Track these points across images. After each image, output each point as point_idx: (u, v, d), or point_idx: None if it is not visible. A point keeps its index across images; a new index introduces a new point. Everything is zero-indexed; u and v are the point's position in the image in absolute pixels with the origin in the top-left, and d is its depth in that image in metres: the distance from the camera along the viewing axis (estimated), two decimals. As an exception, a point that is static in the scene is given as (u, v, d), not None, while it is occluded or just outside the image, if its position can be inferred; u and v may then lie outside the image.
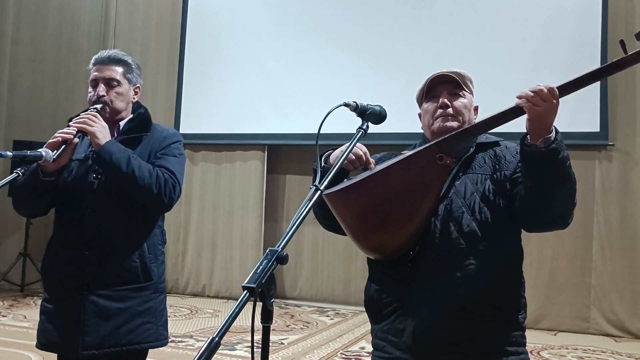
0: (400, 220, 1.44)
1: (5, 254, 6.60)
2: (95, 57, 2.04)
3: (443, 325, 1.46)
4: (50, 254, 2.00)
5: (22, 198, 1.98)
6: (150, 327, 1.96)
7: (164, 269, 2.07)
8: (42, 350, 1.98)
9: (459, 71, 1.64)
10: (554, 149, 1.36)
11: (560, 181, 1.39)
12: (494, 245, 1.48)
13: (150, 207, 1.97)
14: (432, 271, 1.48)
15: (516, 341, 1.51)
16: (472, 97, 1.66)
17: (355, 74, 5.89)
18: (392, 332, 1.53)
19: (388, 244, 1.47)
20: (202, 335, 4.55)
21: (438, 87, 1.62)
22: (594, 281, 5.14)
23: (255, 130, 6.37)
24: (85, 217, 1.92)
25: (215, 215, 6.53)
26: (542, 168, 1.37)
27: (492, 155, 1.59)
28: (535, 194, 1.41)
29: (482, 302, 1.47)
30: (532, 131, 1.38)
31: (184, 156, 2.08)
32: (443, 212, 1.50)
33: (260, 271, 1.00)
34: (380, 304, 1.58)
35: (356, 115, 1.46)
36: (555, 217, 1.46)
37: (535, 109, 1.34)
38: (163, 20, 6.91)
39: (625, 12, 5.20)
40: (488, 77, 5.46)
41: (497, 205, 1.50)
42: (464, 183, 1.54)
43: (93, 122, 1.89)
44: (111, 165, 1.86)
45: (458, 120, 1.59)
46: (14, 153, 1.75)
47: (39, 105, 6.85)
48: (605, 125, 5.19)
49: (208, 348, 0.89)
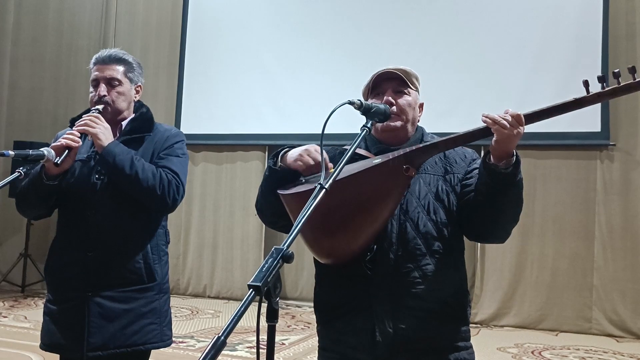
0: (358, 226, 1.44)
1: (6, 254, 6.59)
2: (95, 57, 2.02)
3: (401, 324, 1.48)
4: (54, 255, 2.00)
5: (25, 201, 1.98)
6: (155, 328, 1.95)
7: (168, 270, 2.07)
8: (46, 351, 1.98)
9: (405, 68, 1.63)
10: (513, 172, 1.41)
11: (511, 202, 1.46)
12: (447, 244, 1.53)
13: (153, 208, 1.96)
14: (390, 271, 1.50)
15: (465, 336, 1.56)
16: (418, 94, 1.66)
17: (355, 75, 5.82)
18: (348, 332, 1.53)
19: (342, 248, 1.48)
20: (203, 336, 4.54)
21: (383, 83, 1.61)
22: (596, 281, 5.13)
23: (255, 131, 6.36)
24: (88, 218, 1.91)
25: (216, 216, 6.53)
26: (498, 188, 1.42)
27: (442, 156, 1.61)
28: (485, 210, 1.47)
29: (436, 300, 1.50)
30: (496, 152, 1.42)
31: (187, 156, 2.07)
32: (399, 213, 1.52)
33: (265, 269, 0.99)
34: (334, 304, 1.57)
35: (360, 113, 1.46)
36: (497, 232, 1.54)
37: (503, 131, 1.37)
38: (163, 20, 6.90)
39: (626, 12, 5.19)
40: (488, 78, 5.47)
41: (450, 205, 1.55)
42: (417, 183, 1.56)
43: (95, 124, 1.88)
44: (114, 167, 1.85)
45: (402, 119, 1.59)
46: (16, 152, 1.75)
47: (39, 105, 6.84)
48: (606, 125, 5.18)
49: (214, 347, 0.88)
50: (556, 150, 5.33)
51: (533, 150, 5.24)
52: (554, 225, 5.24)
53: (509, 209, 1.47)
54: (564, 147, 5.32)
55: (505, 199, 1.44)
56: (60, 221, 2.02)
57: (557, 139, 5.28)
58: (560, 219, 5.25)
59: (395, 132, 1.60)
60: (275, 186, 1.54)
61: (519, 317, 5.24)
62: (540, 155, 5.32)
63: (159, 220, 2.03)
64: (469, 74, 5.52)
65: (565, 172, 5.30)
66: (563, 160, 5.32)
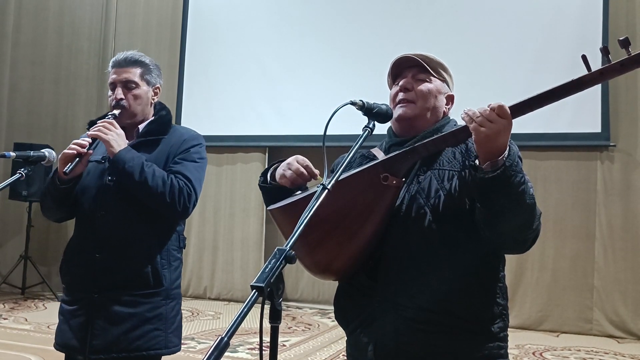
0: (339, 240, 1.34)
1: (6, 256, 6.58)
2: (112, 60, 2.02)
3: (405, 339, 1.35)
4: (68, 255, 2.00)
5: (46, 205, 1.99)
6: (159, 334, 1.92)
7: (179, 275, 2.00)
8: (58, 350, 1.97)
9: (427, 55, 1.50)
10: (499, 175, 1.21)
11: (509, 208, 1.24)
12: (457, 249, 1.35)
13: (163, 214, 1.94)
14: (393, 280, 1.37)
15: (490, 354, 1.36)
16: (444, 85, 1.51)
17: (356, 76, 5.88)
18: (357, 346, 1.44)
19: (329, 264, 1.38)
20: (204, 338, 4.53)
21: (405, 71, 1.50)
22: (597, 282, 5.13)
23: (256, 132, 6.36)
24: (99, 219, 1.90)
25: (216, 218, 6.52)
26: (487, 194, 1.24)
27: (464, 149, 1.43)
28: (483, 218, 1.30)
29: (445, 312, 1.34)
30: (479, 153, 1.25)
31: (204, 160, 2.02)
32: (404, 213, 1.39)
33: (268, 270, 0.98)
34: (346, 317, 1.49)
35: (362, 113, 1.42)
36: (507, 241, 1.33)
37: (480, 130, 1.22)
38: (163, 22, 6.91)
39: (626, 12, 5.20)
40: (488, 78, 5.47)
41: (463, 206, 1.35)
42: (429, 180, 1.40)
43: (108, 130, 1.87)
44: (124, 173, 1.85)
45: (418, 106, 1.46)
46: (17, 153, 1.76)
47: (40, 107, 6.84)
48: (606, 126, 5.18)
49: (217, 348, 0.87)
50: (556, 152, 5.33)
51: (533, 151, 5.24)
52: (555, 226, 5.23)
53: (509, 215, 1.26)
54: (564, 148, 5.31)
55: (497, 206, 1.24)
56: (76, 222, 2.02)
57: (557, 140, 5.29)
58: (561, 220, 5.24)
59: (409, 122, 1.47)
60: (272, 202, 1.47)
61: (520, 318, 5.23)
62: (540, 157, 5.32)
63: (172, 224, 1.99)
64: (469, 74, 5.51)
65: (565, 173, 5.30)
66: (563, 162, 5.32)
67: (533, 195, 1.29)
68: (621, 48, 1.23)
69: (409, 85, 1.48)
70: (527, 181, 1.26)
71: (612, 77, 1.27)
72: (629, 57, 1.23)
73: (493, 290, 1.40)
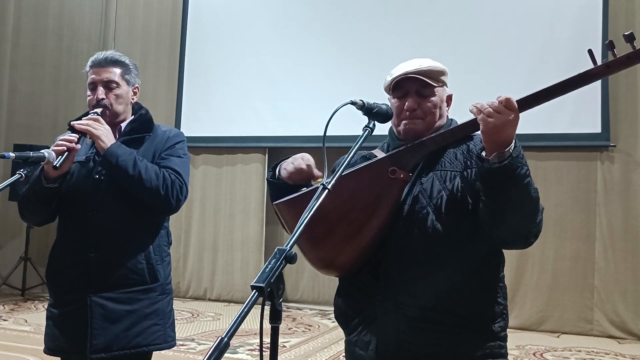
0: (345, 233, 1.36)
1: (6, 258, 6.58)
2: (91, 59, 2.01)
3: (406, 338, 1.36)
4: (55, 259, 1.99)
5: (27, 206, 1.97)
6: (158, 329, 1.94)
7: (170, 270, 2.05)
8: (50, 355, 1.97)
9: (425, 68, 1.48)
10: (505, 166, 1.24)
11: (515, 200, 1.27)
12: (460, 249, 1.37)
13: (157, 208, 1.95)
14: (395, 279, 1.38)
15: (491, 352, 1.38)
16: (444, 89, 1.52)
17: (356, 76, 5.88)
18: (359, 345, 1.45)
19: (334, 258, 1.40)
20: (204, 339, 4.53)
21: (407, 83, 1.48)
22: (597, 283, 5.12)
23: (256, 133, 6.35)
24: (89, 219, 1.90)
25: (216, 219, 6.52)
26: (493, 185, 1.27)
27: (465, 150, 1.45)
28: (488, 211, 1.31)
29: (447, 311, 1.36)
30: (486, 144, 1.27)
31: (188, 156, 2.06)
32: (406, 213, 1.40)
33: (269, 270, 0.98)
34: (347, 315, 1.49)
35: (362, 113, 1.43)
36: (511, 236, 1.35)
37: (488, 121, 1.24)
38: (163, 23, 6.91)
39: (626, 12, 5.19)
40: (489, 78, 5.47)
41: (465, 206, 1.38)
42: (431, 180, 1.42)
43: (97, 125, 1.87)
44: (117, 168, 1.85)
45: (426, 122, 1.48)
46: (16, 154, 1.75)
47: (39, 109, 6.84)
48: (606, 126, 5.17)
49: (217, 348, 0.87)
50: (556, 152, 5.32)
51: (533, 151, 5.23)
52: (555, 227, 5.23)
53: (514, 208, 1.28)
54: (564, 149, 5.31)
55: (503, 197, 1.27)
56: (60, 224, 2.02)
57: (557, 141, 5.28)
58: (561, 220, 5.24)
59: (418, 135, 1.48)
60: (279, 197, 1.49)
61: (520, 319, 5.22)
62: (540, 157, 5.32)
63: (162, 220, 2.02)
64: (469, 74, 5.51)
65: (565, 174, 5.30)
66: (563, 162, 5.32)
67: (537, 189, 1.31)
68: (626, 42, 1.28)
69: (415, 105, 1.48)
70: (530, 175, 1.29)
71: (618, 70, 1.31)
72: (635, 50, 1.28)
73: (494, 290, 1.42)
